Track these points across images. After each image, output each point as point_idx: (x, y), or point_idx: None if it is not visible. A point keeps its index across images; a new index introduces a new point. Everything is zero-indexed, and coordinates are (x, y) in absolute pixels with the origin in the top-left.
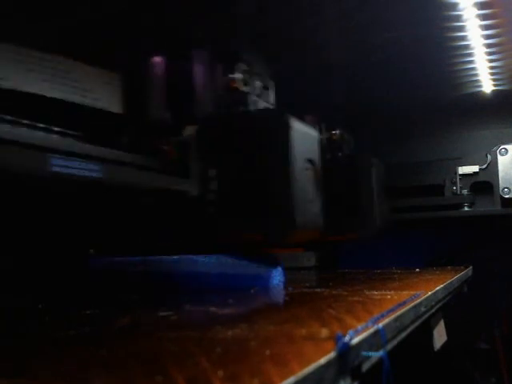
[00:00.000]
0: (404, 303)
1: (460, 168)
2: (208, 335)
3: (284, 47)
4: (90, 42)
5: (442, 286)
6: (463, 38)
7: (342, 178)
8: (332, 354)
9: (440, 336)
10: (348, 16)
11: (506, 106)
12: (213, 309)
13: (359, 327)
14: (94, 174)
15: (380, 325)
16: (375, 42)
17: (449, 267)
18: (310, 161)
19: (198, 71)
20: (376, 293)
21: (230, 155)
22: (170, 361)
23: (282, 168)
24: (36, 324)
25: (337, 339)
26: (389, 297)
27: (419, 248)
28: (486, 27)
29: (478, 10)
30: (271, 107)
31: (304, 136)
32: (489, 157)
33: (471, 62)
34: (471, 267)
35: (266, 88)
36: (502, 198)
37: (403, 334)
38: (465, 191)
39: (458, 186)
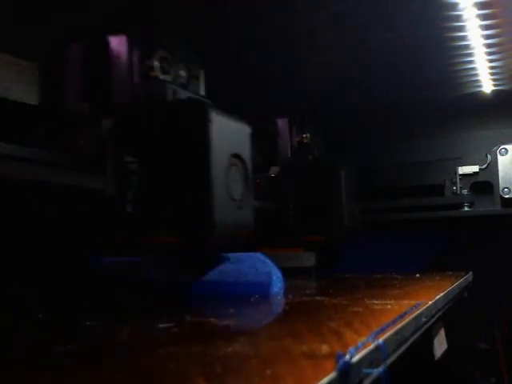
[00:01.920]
0: (405, 314)
1: (460, 168)
2: (208, 351)
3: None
4: (3, 28)
5: (442, 294)
6: (463, 38)
7: (311, 181)
8: (333, 374)
9: (440, 344)
10: (348, 16)
11: (506, 105)
12: (213, 320)
13: (359, 344)
14: (5, 173)
15: (381, 340)
16: (375, 42)
17: (449, 272)
18: (238, 156)
19: (116, 58)
20: (376, 302)
21: (147, 150)
22: (169, 381)
23: (200, 163)
24: (36, 337)
25: (337, 358)
26: (389, 307)
27: (419, 248)
28: (486, 27)
29: (478, 10)
30: (197, 98)
31: (229, 130)
32: (489, 157)
33: (471, 62)
34: (471, 273)
35: (194, 77)
36: (502, 197)
37: (404, 347)
38: (465, 191)
39: (458, 186)
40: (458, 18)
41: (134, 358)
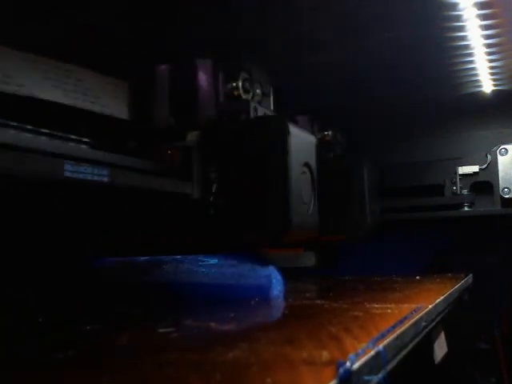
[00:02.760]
0: (405, 319)
1: (460, 168)
2: (208, 358)
3: (282, 49)
4: (99, 49)
5: (442, 298)
6: (463, 38)
7: (333, 179)
8: (333, 382)
9: (440, 348)
10: (348, 16)
11: (506, 105)
12: (213, 324)
13: (360, 350)
14: (103, 179)
15: (381, 346)
16: (375, 42)
17: (449, 274)
18: (307, 164)
19: (201, 80)
20: (376, 306)
21: (231, 160)
22: None
23: (280, 172)
24: (36, 342)
25: (338, 366)
26: (389, 311)
27: (419, 248)
28: (486, 27)
29: (478, 10)
30: (270, 113)
31: (301, 141)
32: (489, 157)
33: (471, 61)
34: (471, 275)
35: (266, 95)
36: (502, 197)
37: (404, 352)
38: (465, 191)
39: (458, 185)
40: (458, 18)
41: (133, 364)
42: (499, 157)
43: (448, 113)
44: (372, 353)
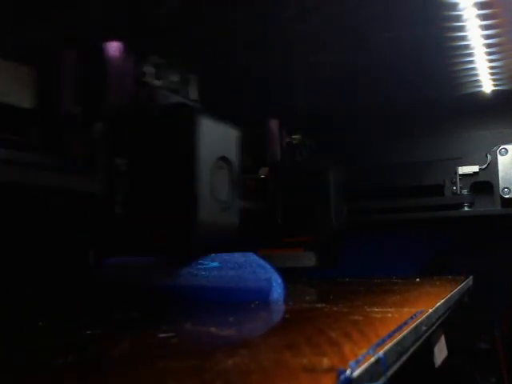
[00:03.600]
0: (405, 324)
1: (460, 168)
2: (208, 364)
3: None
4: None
5: (442, 301)
6: (463, 38)
7: (299, 182)
8: None
9: (441, 352)
10: (347, 16)
11: (506, 105)
12: (213, 329)
13: (360, 357)
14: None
15: (381, 353)
16: (375, 42)
17: (449, 276)
18: (224, 159)
19: (109, 64)
20: (376, 310)
21: (138, 153)
22: None
23: (186, 166)
24: (36, 348)
25: (338, 373)
26: (389, 315)
27: (419, 248)
28: (486, 27)
29: (478, 10)
30: (188, 103)
31: (217, 133)
32: (489, 157)
33: (471, 61)
34: (471, 277)
35: (185, 83)
36: (502, 197)
37: (404, 357)
38: (465, 191)
39: (458, 185)
40: (458, 18)
41: (134, 372)
42: (499, 157)
43: (448, 113)
44: (372, 359)
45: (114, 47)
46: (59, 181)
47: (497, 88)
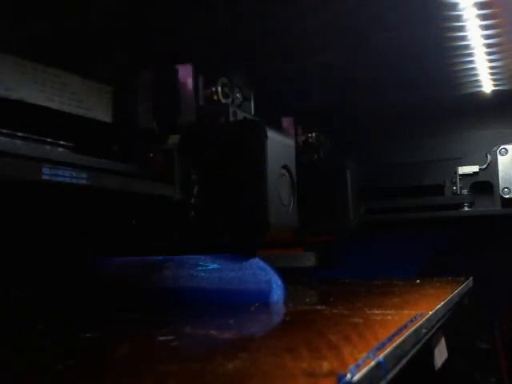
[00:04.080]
0: (405, 327)
1: (460, 168)
2: (208, 368)
3: (274, 50)
4: (83, 53)
5: (442, 303)
6: (463, 38)
7: (316, 181)
8: None
9: (441, 354)
10: (348, 16)
11: (506, 105)
12: (213, 332)
13: (360, 361)
14: (82, 182)
15: (381, 357)
16: (375, 42)
17: (449, 278)
18: (286, 167)
19: (182, 84)
20: (377, 312)
21: (210, 163)
22: None
23: (258, 174)
24: (35, 352)
25: (339, 378)
26: (389, 317)
27: (419, 248)
28: (486, 27)
29: (478, 10)
30: (250, 117)
31: (280, 144)
32: (489, 157)
33: (471, 61)
34: (471, 278)
35: (246, 99)
36: (502, 197)
37: (404, 361)
38: (465, 191)
39: (458, 185)
40: (458, 18)
41: (133, 376)
42: (499, 157)
43: (448, 113)
44: (372, 363)
45: (185, 68)
46: (137, 186)
47: (497, 88)
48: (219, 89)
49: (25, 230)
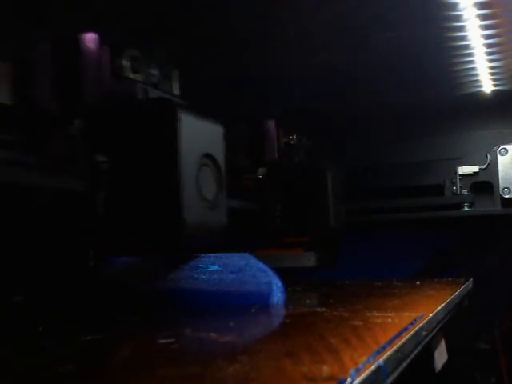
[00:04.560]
0: (405, 330)
1: (460, 168)
2: (208, 372)
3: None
4: None
5: (442, 305)
6: (463, 38)
7: (297, 182)
8: None
9: (441, 356)
10: (348, 16)
11: (506, 106)
12: (213, 335)
13: (360, 365)
14: None
15: (381, 360)
16: (375, 42)
17: (449, 279)
18: (209, 156)
19: (86, 56)
20: (377, 314)
21: (119, 150)
22: None
23: (169, 163)
24: (36, 354)
25: (339, 383)
26: (389, 320)
27: (419, 248)
28: (486, 27)
29: (478, 10)
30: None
31: (201, 130)
32: (489, 157)
33: (471, 61)
34: (471, 279)
35: (167, 77)
36: (502, 197)
37: (404, 364)
38: (465, 191)
39: (458, 185)
40: (458, 18)
41: (134, 379)
42: (499, 157)
43: (448, 113)
44: (373, 367)
45: (89, 39)
46: (40, 179)
47: (497, 88)
48: (126, 62)
49: None
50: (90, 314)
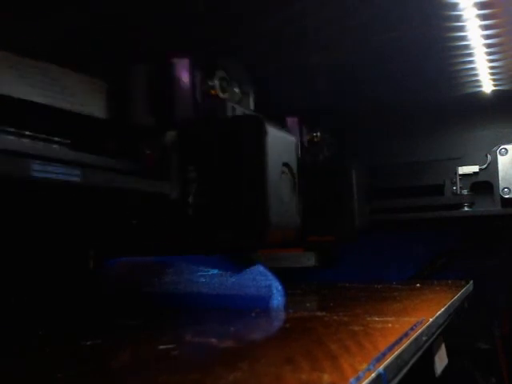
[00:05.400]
0: (405, 336)
1: (460, 168)
2: (209, 380)
3: (275, 49)
4: (76, 48)
5: (443, 309)
6: (463, 38)
7: (321, 181)
8: None
9: (441, 360)
10: (348, 16)
11: (506, 106)
12: (214, 341)
13: (360, 373)
14: (74, 179)
15: (381, 368)
16: (375, 42)
17: (449, 281)
18: (287, 165)
19: (179, 79)
20: (377, 319)
21: (209, 160)
22: None
23: (258, 172)
24: (36, 359)
25: None
26: (390, 325)
27: (419, 248)
28: (486, 27)
29: (478, 10)
30: (249, 113)
31: (280, 141)
32: (489, 157)
33: (471, 61)
34: (471, 282)
35: (245, 94)
36: (502, 197)
37: (405, 370)
38: (465, 191)
39: (458, 186)
40: (458, 18)
41: None
42: (499, 157)
43: (448, 113)
44: (373, 375)
45: (181, 62)
46: (134, 184)
47: (497, 88)
48: (217, 83)
49: (17, 231)
50: (90, 317)
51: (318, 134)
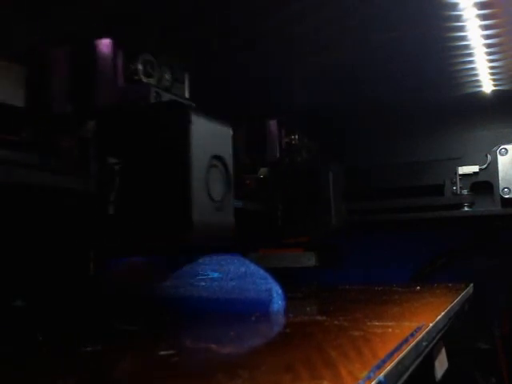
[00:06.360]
0: (405, 342)
1: (460, 168)
2: None
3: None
4: None
5: (443, 314)
6: (463, 38)
7: (298, 182)
8: None
9: (441, 365)
10: (347, 15)
11: (506, 106)
12: (214, 346)
13: (361, 381)
14: None
15: (381, 376)
16: (375, 42)
17: (449, 284)
18: (218, 157)
19: (99, 61)
20: (377, 324)
21: (129, 151)
22: None
23: (180, 164)
24: (35, 366)
25: None
26: (390, 330)
27: (419, 248)
28: (486, 27)
29: (478, 10)
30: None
31: (211, 131)
32: (489, 157)
33: (471, 61)
34: (472, 285)
35: (178, 81)
36: (502, 197)
37: (405, 376)
38: (465, 191)
39: (458, 186)
40: (458, 18)
41: None
42: (499, 157)
43: (448, 113)
44: (373, 383)
45: (103, 44)
46: (50, 180)
47: (497, 88)
48: (140, 66)
49: None
50: (90, 322)
51: (297, 136)
